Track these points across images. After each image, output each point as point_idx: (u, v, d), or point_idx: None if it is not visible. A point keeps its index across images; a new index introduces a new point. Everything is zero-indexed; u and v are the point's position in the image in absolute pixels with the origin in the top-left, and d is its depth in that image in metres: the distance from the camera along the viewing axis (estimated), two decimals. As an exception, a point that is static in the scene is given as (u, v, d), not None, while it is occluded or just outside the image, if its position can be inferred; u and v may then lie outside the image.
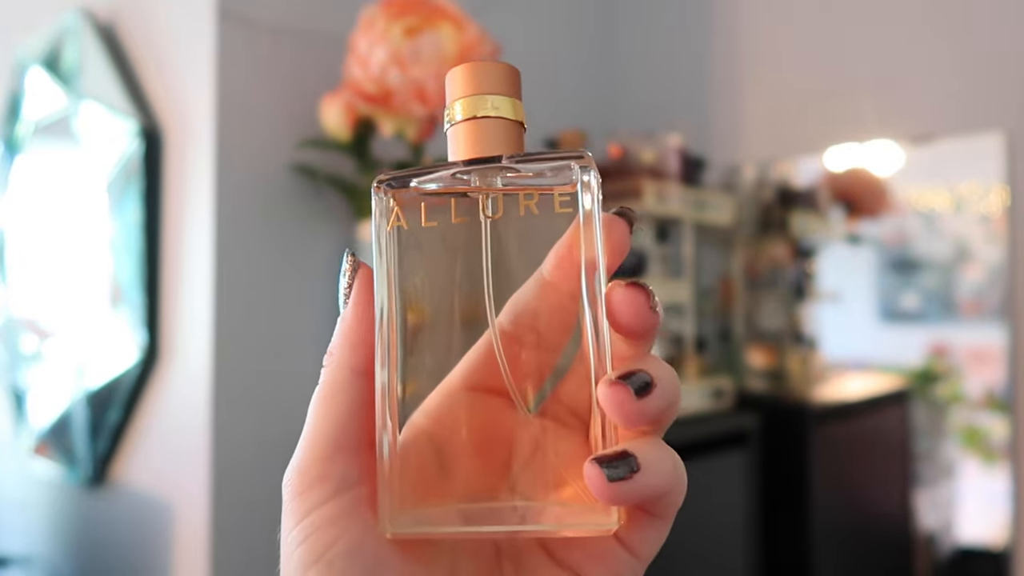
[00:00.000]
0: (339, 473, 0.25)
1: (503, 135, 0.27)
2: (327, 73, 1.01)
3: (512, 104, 0.27)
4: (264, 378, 0.95)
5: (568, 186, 0.26)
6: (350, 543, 0.25)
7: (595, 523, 0.25)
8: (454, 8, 0.90)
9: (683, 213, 1.14)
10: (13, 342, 1.34)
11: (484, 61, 0.27)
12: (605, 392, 0.24)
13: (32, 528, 1.28)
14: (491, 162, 0.26)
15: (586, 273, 0.25)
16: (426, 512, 0.26)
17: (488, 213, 0.26)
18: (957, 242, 1.27)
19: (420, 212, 0.27)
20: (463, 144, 0.27)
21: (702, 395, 1.14)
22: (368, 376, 0.27)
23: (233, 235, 0.94)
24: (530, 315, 0.26)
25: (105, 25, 1.11)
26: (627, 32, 1.58)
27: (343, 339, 0.27)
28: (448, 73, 0.28)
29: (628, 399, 0.24)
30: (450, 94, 0.27)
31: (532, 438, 0.26)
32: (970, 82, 1.21)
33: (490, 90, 0.27)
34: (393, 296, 0.27)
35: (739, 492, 1.13)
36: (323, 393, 0.27)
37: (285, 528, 0.25)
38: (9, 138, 1.33)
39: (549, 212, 0.26)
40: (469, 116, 0.27)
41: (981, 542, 1.26)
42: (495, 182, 0.26)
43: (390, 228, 0.27)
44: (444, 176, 0.27)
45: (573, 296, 0.26)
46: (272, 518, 1.03)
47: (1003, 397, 1.19)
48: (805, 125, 1.36)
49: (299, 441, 0.27)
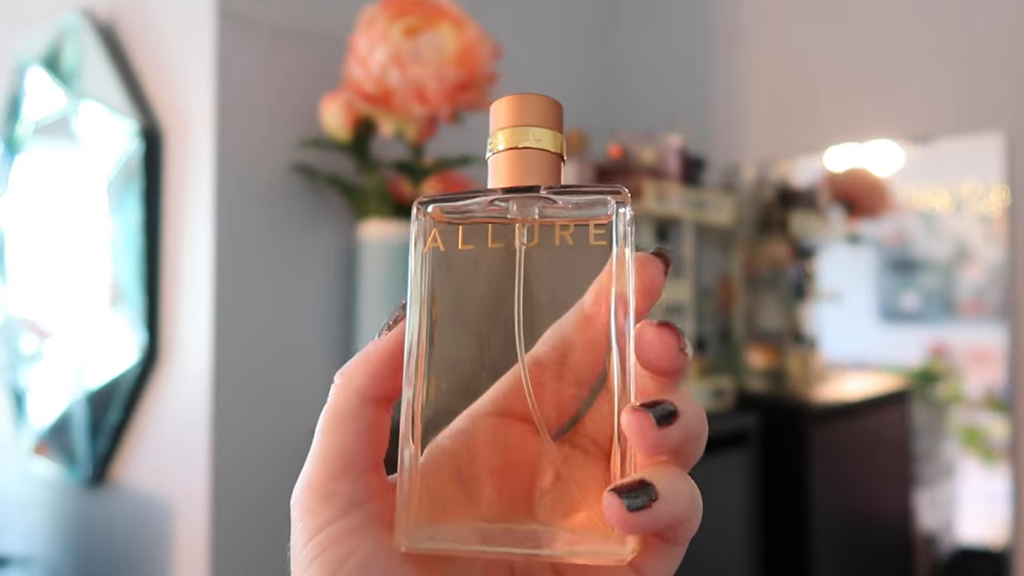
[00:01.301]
0: (348, 491, 0.26)
1: (543, 166, 0.28)
2: (327, 73, 1.01)
3: (553, 136, 0.28)
4: (264, 378, 0.95)
5: (603, 218, 0.27)
6: (364, 557, 0.25)
7: (610, 552, 0.25)
8: (454, 8, 0.90)
9: (683, 213, 1.14)
10: (13, 342, 1.34)
11: (529, 94, 0.28)
12: (628, 419, 0.24)
13: (32, 528, 1.28)
14: (530, 191, 0.27)
15: (616, 307, 0.26)
16: (442, 529, 0.26)
17: (524, 241, 0.27)
18: (957, 242, 1.27)
19: (457, 235, 0.27)
20: (503, 172, 0.28)
21: (702, 395, 1.14)
22: (379, 403, 0.28)
23: (233, 235, 0.94)
24: (567, 346, 0.27)
25: (105, 25, 1.11)
26: (627, 32, 1.58)
27: (365, 365, 0.27)
28: (493, 103, 0.28)
29: (650, 427, 0.24)
30: (494, 123, 0.28)
31: (553, 465, 0.26)
32: (970, 82, 1.21)
33: (533, 122, 0.28)
34: (424, 316, 0.27)
35: (739, 492, 1.13)
36: (333, 413, 0.27)
37: (298, 543, 0.26)
38: (9, 138, 1.33)
39: (584, 243, 0.27)
40: (511, 146, 0.28)
41: (981, 542, 1.26)
42: (532, 211, 0.27)
43: (427, 249, 0.27)
44: (483, 202, 0.27)
45: (607, 330, 0.26)
46: (272, 518, 1.03)
47: (1003, 397, 1.19)
48: (805, 125, 1.36)
49: (308, 458, 0.27)
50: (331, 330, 1.02)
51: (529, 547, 0.26)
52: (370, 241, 0.97)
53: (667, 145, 1.15)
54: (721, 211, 1.22)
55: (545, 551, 0.26)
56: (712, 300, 1.43)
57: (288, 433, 0.96)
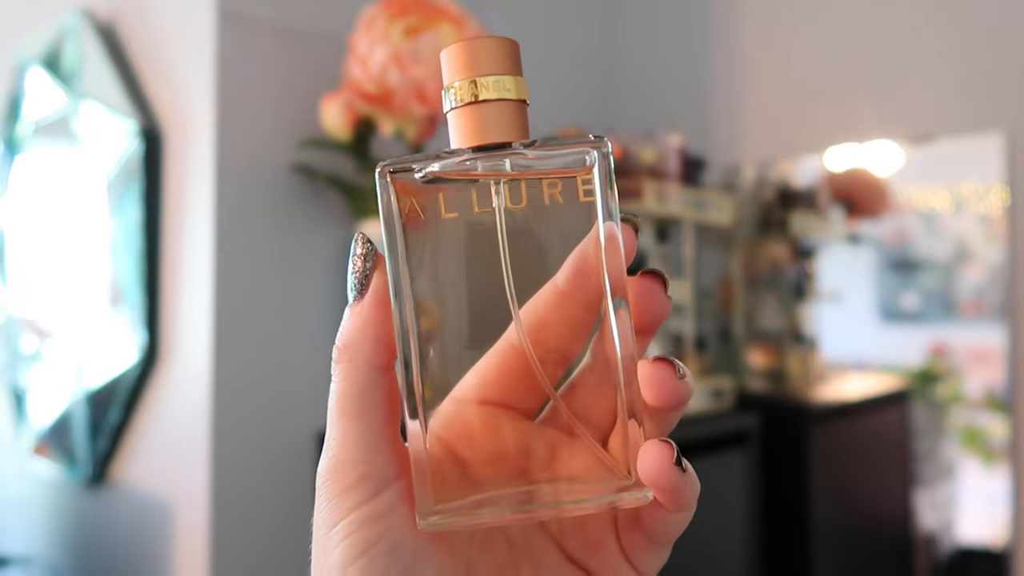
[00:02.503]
0: (379, 472, 0.25)
1: (508, 118, 0.25)
2: (327, 73, 1.01)
3: (516, 83, 0.26)
4: (264, 378, 0.95)
5: (582, 170, 0.25)
6: (393, 541, 0.25)
7: (633, 495, 0.25)
8: (454, 8, 0.90)
9: (683, 213, 1.14)
10: (13, 342, 1.34)
11: (480, 37, 0.26)
12: (650, 368, 0.25)
13: (32, 528, 1.28)
14: (501, 148, 0.25)
15: (611, 284, 0.25)
16: (459, 504, 0.25)
17: (505, 202, 0.25)
18: (957, 242, 1.27)
19: (438, 203, 0.25)
20: (466, 129, 0.26)
21: (702, 395, 1.14)
22: (389, 370, 0.26)
23: (233, 235, 0.94)
24: (540, 327, 0.26)
25: (105, 25, 1.11)
26: (627, 32, 1.58)
27: (363, 332, 0.25)
28: (443, 51, 0.26)
29: (672, 376, 0.25)
30: (448, 75, 0.26)
31: (547, 445, 0.26)
32: (970, 82, 1.21)
33: (491, 70, 0.25)
34: (407, 291, 0.25)
35: (739, 492, 1.13)
36: (351, 392, 0.25)
37: (323, 527, 0.25)
38: (9, 138, 1.33)
39: (574, 200, 0.25)
40: (470, 100, 0.25)
41: (981, 542, 1.26)
42: (503, 166, 0.25)
43: (405, 219, 0.25)
44: (450, 163, 0.25)
45: (588, 306, 0.26)
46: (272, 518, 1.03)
47: (1003, 397, 1.19)
48: (805, 125, 1.36)
49: (328, 440, 0.26)
50: (331, 330, 1.01)
51: (551, 502, 0.25)
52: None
53: (667, 145, 1.15)
54: (721, 211, 1.22)
55: (570, 503, 0.25)
56: (712, 300, 1.43)
57: (288, 433, 0.96)
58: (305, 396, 0.98)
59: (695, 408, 1.12)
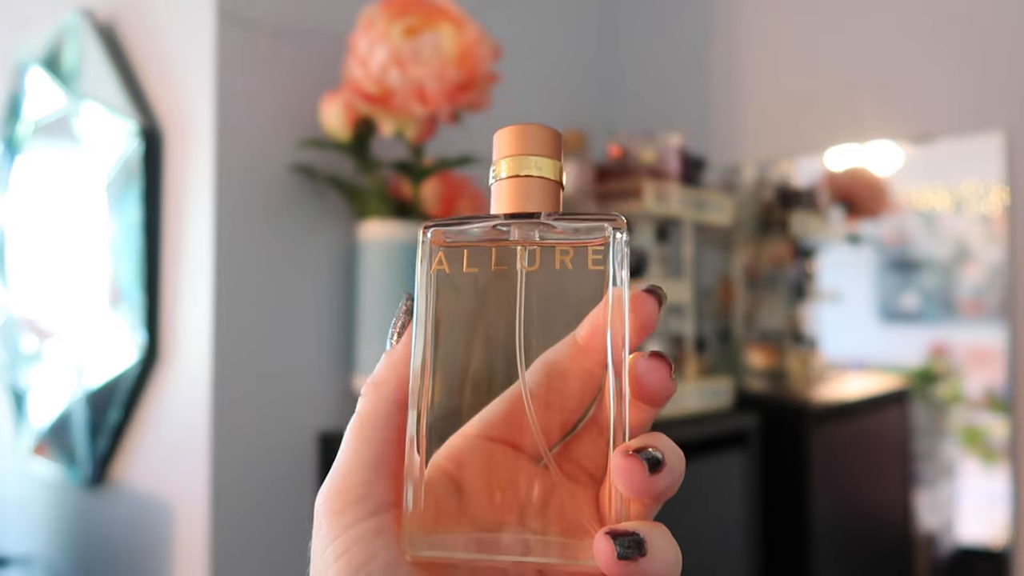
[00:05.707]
0: (378, 495, 0.27)
1: (543, 193, 0.29)
2: (327, 73, 1.01)
3: (553, 165, 0.29)
4: (264, 378, 0.95)
5: (599, 241, 0.28)
6: (388, 559, 0.26)
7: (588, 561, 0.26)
8: (454, 8, 0.90)
9: (683, 213, 1.14)
10: (13, 342, 1.34)
11: (530, 124, 0.30)
12: (620, 463, 0.26)
13: (32, 528, 1.28)
14: (531, 217, 0.29)
15: (613, 344, 0.27)
16: (444, 538, 0.27)
17: (525, 265, 0.29)
18: (957, 242, 1.27)
19: (462, 258, 0.29)
20: (506, 199, 0.29)
21: (702, 395, 1.14)
22: (406, 409, 0.29)
23: (233, 235, 0.94)
24: (558, 375, 0.28)
25: (105, 25, 1.11)
26: (627, 32, 1.58)
27: (391, 372, 0.29)
28: (496, 132, 0.30)
29: (641, 473, 0.25)
30: (497, 151, 0.30)
31: (544, 489, 0.28)
32: (970, 82, 1.21)
33: (534, 151, 0.29)
34: (429, 335, 0.28)
35: (739, 492, 1.13)
36: (366, 421, 0.29)
37: (321, 543, 0.27)
38: (9, 138, 1.33)
39: (583, 268, 0.28)
40: (513, 174, 0.29)
41: (981, 542, 1.26)
42: (533, 236, 0.29)
43: (432, 270, 0.29)
44: (486, 227, 0.29)
45: (601, 363, 0.28)
46: (272, 518, 1.03)
47: (1003, 397, 1.19)
48: (805, 125, 1.36)
49: (338, 463, 0.28)
50: (331, 330, 1.02)
51: (519, 554, 0.27)
52: (370, 241, 0.97)
53: (667, 145, 1.15)
54: (721, 211, 1.22)
55: (538, 558, 0.27)
56: (712, 300, 1.43)
57: (288, 433, 0.96)
58: (305, 396, 0.98)
59: (695, 408, 1.12)
